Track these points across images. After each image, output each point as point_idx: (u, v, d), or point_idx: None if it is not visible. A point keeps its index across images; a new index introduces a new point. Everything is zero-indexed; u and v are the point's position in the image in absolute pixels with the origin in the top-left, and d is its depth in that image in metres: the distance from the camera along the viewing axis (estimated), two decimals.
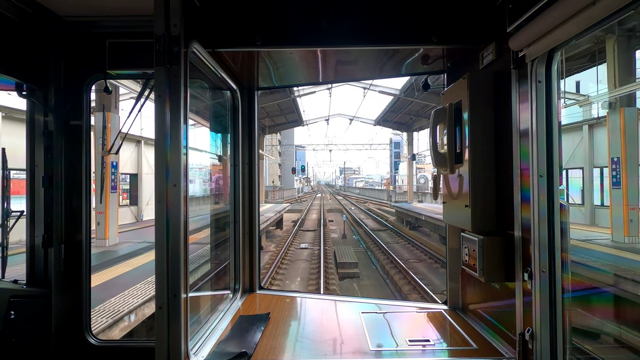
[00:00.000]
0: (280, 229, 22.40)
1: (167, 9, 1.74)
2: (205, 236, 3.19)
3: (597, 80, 14.04)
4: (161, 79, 1.73)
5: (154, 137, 1.77)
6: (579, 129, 16.66)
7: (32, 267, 2.41)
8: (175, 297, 1.71)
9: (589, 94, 16.26)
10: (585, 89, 17.49)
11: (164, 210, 1.71)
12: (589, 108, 16.55)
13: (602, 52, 11.85)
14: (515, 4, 1.83)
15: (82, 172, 2.46)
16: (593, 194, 16.24)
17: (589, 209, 16.14)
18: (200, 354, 2.01)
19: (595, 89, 16.31)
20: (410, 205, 25.28)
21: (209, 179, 3.46)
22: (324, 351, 2.12)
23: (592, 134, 16.37)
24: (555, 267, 1.70)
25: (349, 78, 3.34)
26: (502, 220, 2.05)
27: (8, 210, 2.52)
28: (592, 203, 16.20)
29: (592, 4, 1.35)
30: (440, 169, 2.52)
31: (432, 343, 2.20)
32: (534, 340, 1.74)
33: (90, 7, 2.30)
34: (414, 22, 2.33)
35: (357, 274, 12.71)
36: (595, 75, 14.62)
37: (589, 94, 16.15)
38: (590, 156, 16.23)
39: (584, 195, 16.70)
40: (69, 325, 2.41)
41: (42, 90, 2.39)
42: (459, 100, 2.23)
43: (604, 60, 11.79)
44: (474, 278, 2.16)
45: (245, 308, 2.80)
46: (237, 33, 2.33)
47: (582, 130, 16.55)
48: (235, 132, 3.03)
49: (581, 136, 16.60)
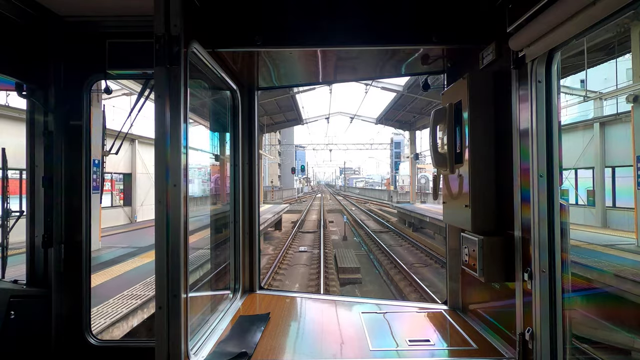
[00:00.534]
0: (279, 230, 22.07)
1: (167, 9, 1.74)
2: (205, 236, 3.19)
3: (616, 74, 13.47)
4: (161, 79, 1.73)
5: (147, 136, 1.77)
6: (589, 127, 16.00)
7: (32, 267, 2.41)
8: (175, 297, 1.71)
9: (600, 90, 15.70)
10: (598, 85, 16.88)
11: (164, 210, 1.71)
12: (601, 105, 15.93)
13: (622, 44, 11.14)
14: (515, 4, 1.83)
15: (82, 172, 2.46)
16: (604, 195, 15.73)
17: (600, 210, 15.60)
18: (200, 354, 2.01)
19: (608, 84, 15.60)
20: (413, 206, 24.63)
21: (209, 179, 3.46)
22: (324, 351, 2.12)
23: (603, 132, 15.72)
24: (555, 267, 1.70)
25: (349, 78, 3.33)
26: (502, 220, 2.05)
27: (8, 210, 2.52)
28: (603, 204, 15.67)
29: (592, 4, 1.35)
30: (440, 169, 2.52)
31: (432, 343, 2.20)
32: (534, 340, 1.74)
33: (91, 7, 2.31)
34: (414, 22, 2.33)
35: (360, 279, 12.12)
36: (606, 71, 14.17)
37: (601, 90, 15.57)
38: (602, 155, 15.64)
39: (594, 196, 16.13)
40: (69, 325, 2.41)
41: (42, 90, 2.39)
42: (459, 100, 2.23)
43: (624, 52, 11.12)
44: (474, 278, 2.16)
45: (245, 308, 2.80)
46: (237, 33, 2.33)
47: (592, 129, 15.89)
48: (235, 132, 3.03)
49: (592, 134, 15.95)
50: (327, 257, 14.67)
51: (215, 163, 3.22)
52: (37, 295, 2.38)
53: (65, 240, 2.42)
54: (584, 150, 16.36)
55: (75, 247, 2.44)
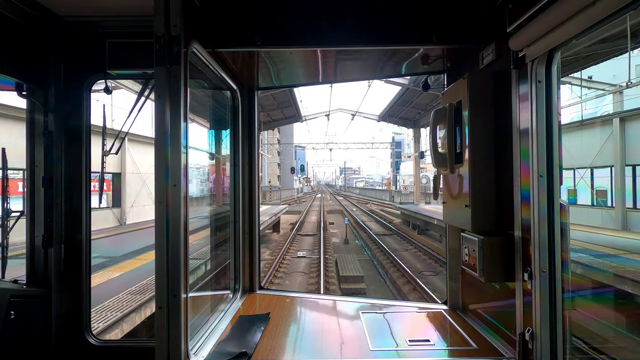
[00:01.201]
0: (277, 233, 21.27)
1: (167, 9, 1.74)
2: (205, 236, 3.19)
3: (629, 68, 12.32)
4: (161, 79, 1.73)
5: (137, 133, 1.77)
6: (606, 124, 15.00)
7: (32, 267, 2.42)
8: (175, 297, 1.71)
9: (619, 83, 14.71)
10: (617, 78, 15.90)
11: (164, 210, 1.71)
12: (620, 99, 14.95)
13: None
14: (515, 4, 1.83)
15: (82, 172, 2.47)
16: (625, 196, 14.71)
17: (620, 211, 14.69)
18: (200, 354, 2.01)
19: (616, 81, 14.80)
20: (418, 207, 23.74)
21: (209, 179, 3.46)
22: (324, 351, 2.12)
23: (623, 128, 14.64)
24: (555, 267, 1.70)
25: (349, 78, 3.33)
26: (502, 220, 2.05)
27: (8, 210, 2.52)
28: (623, 205, 14.71)
29: (592, 4, 1.35)
30: (440, 169, 2.52)
31: (432, 343, 2.20)
32: (534, 340, 1.74)
33: (91, 7, 2.31)
34: (414, 22, 2.33)
35: (364, 289, 11.23)
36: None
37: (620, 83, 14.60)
38: (622, 153, 14.63)
39: (612, 196, 15.12)
40: (69, 325, 2.41)
41: (42, 90, 2.39)
42: (459, 100, 2.23)
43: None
44: (474, 278, 2.16)
45: (245, 308, 2.80)
46: (237, 33, 2.33)
47: (611, 124, 14.89)
48: (235, 132, 3.03)
49: (610, 131, 14.95)
50: (327, 263, 13.83)
51: (215, 163, 3.22)
52: (37, 295, 2.38)
53: (65, 240, 2.43)
54: (602, 148, 15.23)
55: (75, 247, 2.44)
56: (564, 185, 16.92)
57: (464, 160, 2.20)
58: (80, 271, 2.44)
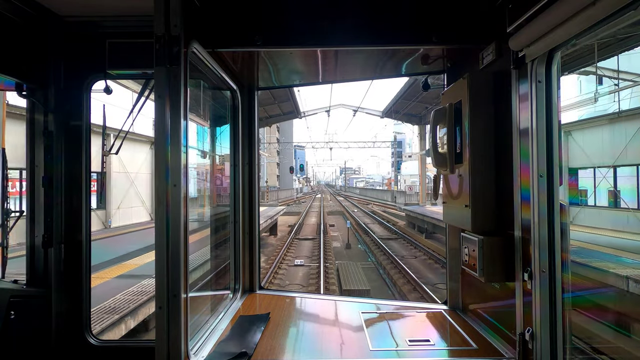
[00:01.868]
0: (274, 236, 20.25)
1: (167, 9, 1.74)
2: (205, 236, 3.19)
3: None
4: (161, 79, 1.73)
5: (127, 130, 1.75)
6: (634, 118, 13.97)
7: (32, 267, 2.42)
8: (175, 297, 1.71)
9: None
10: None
11: (164, 211, 1.71)
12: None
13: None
14: (515, 4, 1.83)
15: (82, 172, 2.47)
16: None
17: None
18: (200, 354, 2.01)
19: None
20: (424, 209, 22.57)
21: (209, 179, 3.46)
22: (324, 351, 2.12)
23: None
24: (555, 267, 1.70)
25: (349, 78, 3.33)
26: (502, 220, 2.05)
27: (8, 210, 2.52)
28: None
29: (592, 4, 1.35)
30: (440, 169, 2.52)
31: (432, 343, 2.20)
32: (534, 340, 1.74)
33: (91, 7, 2.31)
34: (414, 22, 2.33)
35: None
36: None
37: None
38: None
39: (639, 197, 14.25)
40: (69, 325, 2.42)
41: (42, 90, 2.39)
42: (459, 100, 2.23)
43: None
44: (474, 278, 2.16)
45: (245, 308, 2.80)
46: (237, 33, 2.33)
47: (638, 120, 13.87)
48: (235, 132, 3.03)
49: (638, 126, 13.90)
50: (328, 273, 12.55)
51: (215, 163, 3.22)
52: (37, 295, 2.38)
53: (65, 240, 2.43)
54: (628, 145, 14.11)
55: (75, 247, 2.44)
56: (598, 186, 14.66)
57: (464, 160, 2.20)
58: (80, 271, 2.44)
